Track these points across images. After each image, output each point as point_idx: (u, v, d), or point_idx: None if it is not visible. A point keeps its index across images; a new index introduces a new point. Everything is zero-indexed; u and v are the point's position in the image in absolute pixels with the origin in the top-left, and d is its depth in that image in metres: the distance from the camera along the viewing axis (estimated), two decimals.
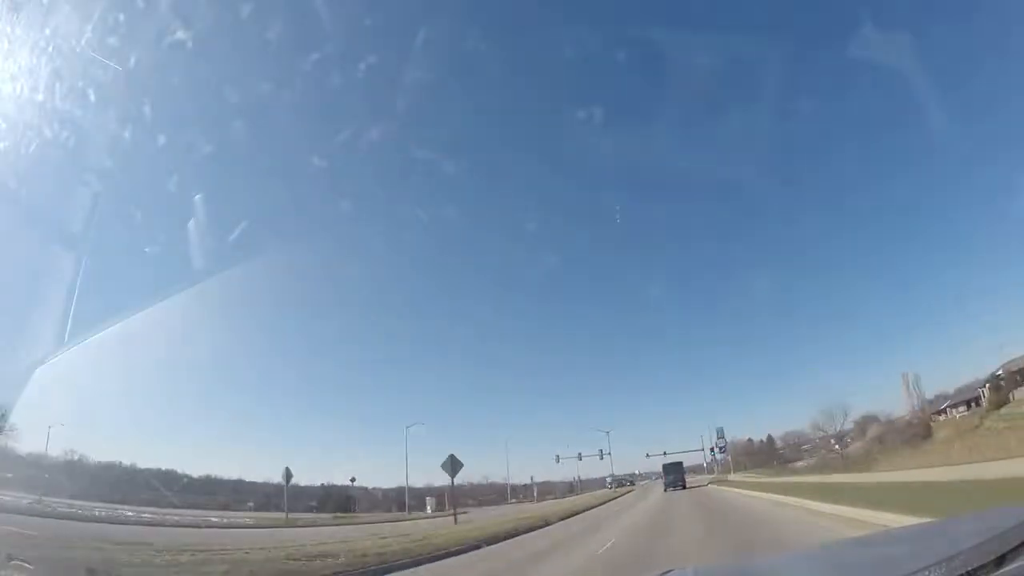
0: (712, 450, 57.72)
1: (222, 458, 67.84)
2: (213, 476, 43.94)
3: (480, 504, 52.76)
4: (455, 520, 29.62)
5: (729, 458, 60.21)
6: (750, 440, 64.09)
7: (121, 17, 14.81)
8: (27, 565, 5.40)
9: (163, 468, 39.21)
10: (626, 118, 45.48)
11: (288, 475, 36.71)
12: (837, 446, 45.43)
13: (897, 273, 63.94)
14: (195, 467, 45.07)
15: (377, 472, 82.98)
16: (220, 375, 62.41)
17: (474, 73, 40.19)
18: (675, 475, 47.39)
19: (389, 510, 49.64)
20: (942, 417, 42.18)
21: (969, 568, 1.52)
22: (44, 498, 24.39)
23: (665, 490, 44.67)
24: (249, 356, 59.99)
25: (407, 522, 34.38)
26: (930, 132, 45.56)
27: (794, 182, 57.24)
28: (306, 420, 68.59)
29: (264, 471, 45.08)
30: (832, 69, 46.98)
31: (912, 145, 50.22)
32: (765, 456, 59.58)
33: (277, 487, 40.12)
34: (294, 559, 12.46)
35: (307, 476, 53.84)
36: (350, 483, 50.48)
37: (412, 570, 12.75)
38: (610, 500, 43.82)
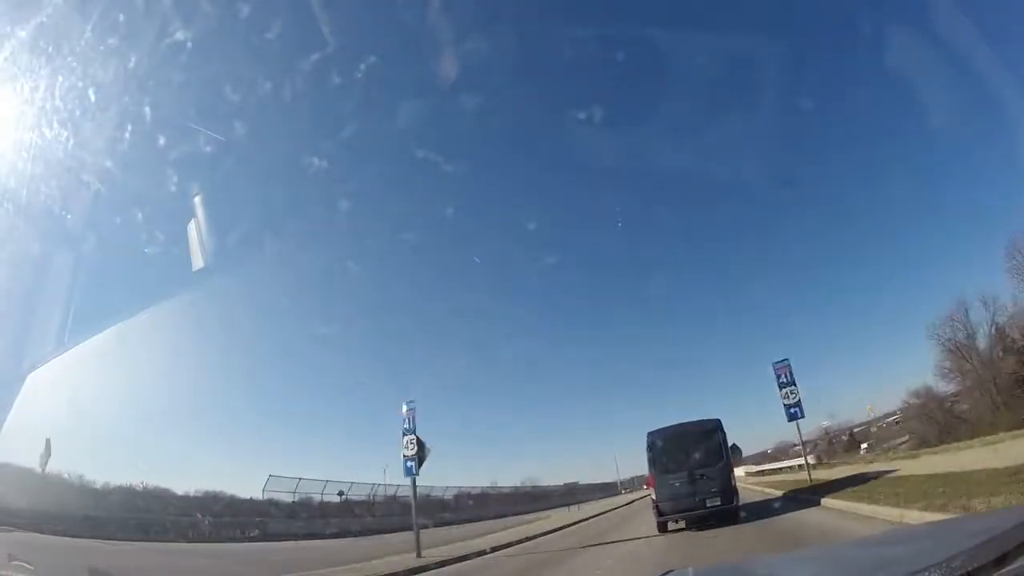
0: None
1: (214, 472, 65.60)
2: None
3: None
4: None
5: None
6: None
7: (121, 17, 14.82)
8: (27, 565, 5.40)
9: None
10: (626, 118, 45.54)
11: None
12: None
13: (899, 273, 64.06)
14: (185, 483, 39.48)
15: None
16: (219, 377, 61.82)
17: (474, 73, 40.22)
18: (690, 474, 14.49)
19: None
20: None
21: (969, 568, 1.52)
22: None
23: (663, 528, 14.92)
24: (249, 358, 59.66)
25: None
26: (930, 132, 45.69)
27: (794, 182, 57.37)
28: (304, 423, 68.58)
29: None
30: (832, 69, 47.00)
31: (912, 145, 50.25)
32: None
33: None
34: None
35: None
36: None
37: None
38: None
